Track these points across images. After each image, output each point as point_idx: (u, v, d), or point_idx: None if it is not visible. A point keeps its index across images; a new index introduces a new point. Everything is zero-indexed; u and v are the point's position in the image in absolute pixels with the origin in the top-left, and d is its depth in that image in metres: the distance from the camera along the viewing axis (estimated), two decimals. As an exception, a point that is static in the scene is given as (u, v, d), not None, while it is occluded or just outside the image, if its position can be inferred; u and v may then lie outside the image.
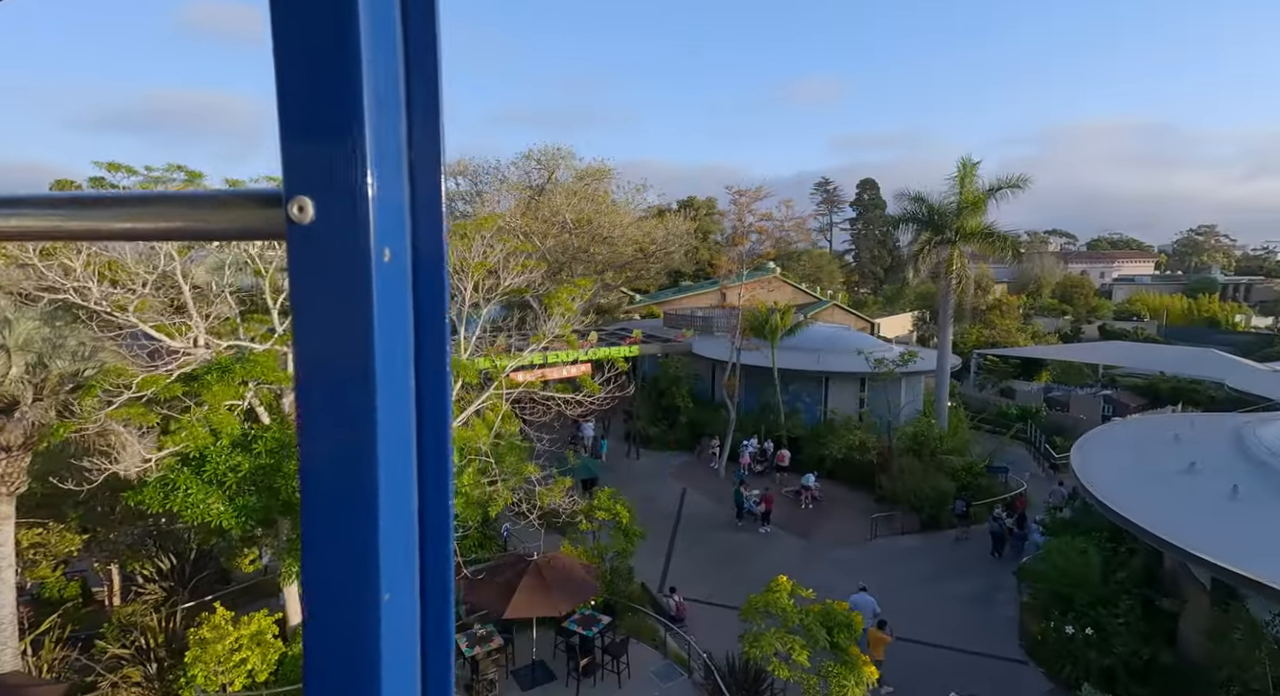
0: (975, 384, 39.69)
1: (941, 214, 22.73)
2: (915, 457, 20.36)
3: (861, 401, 25.55)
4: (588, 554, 13.49)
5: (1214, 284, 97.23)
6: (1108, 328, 72.03)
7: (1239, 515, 10.35)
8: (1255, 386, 20.44)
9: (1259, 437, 12.36)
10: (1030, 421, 29.65)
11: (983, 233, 22.09)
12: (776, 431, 24.67)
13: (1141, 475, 12.55)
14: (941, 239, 22.87)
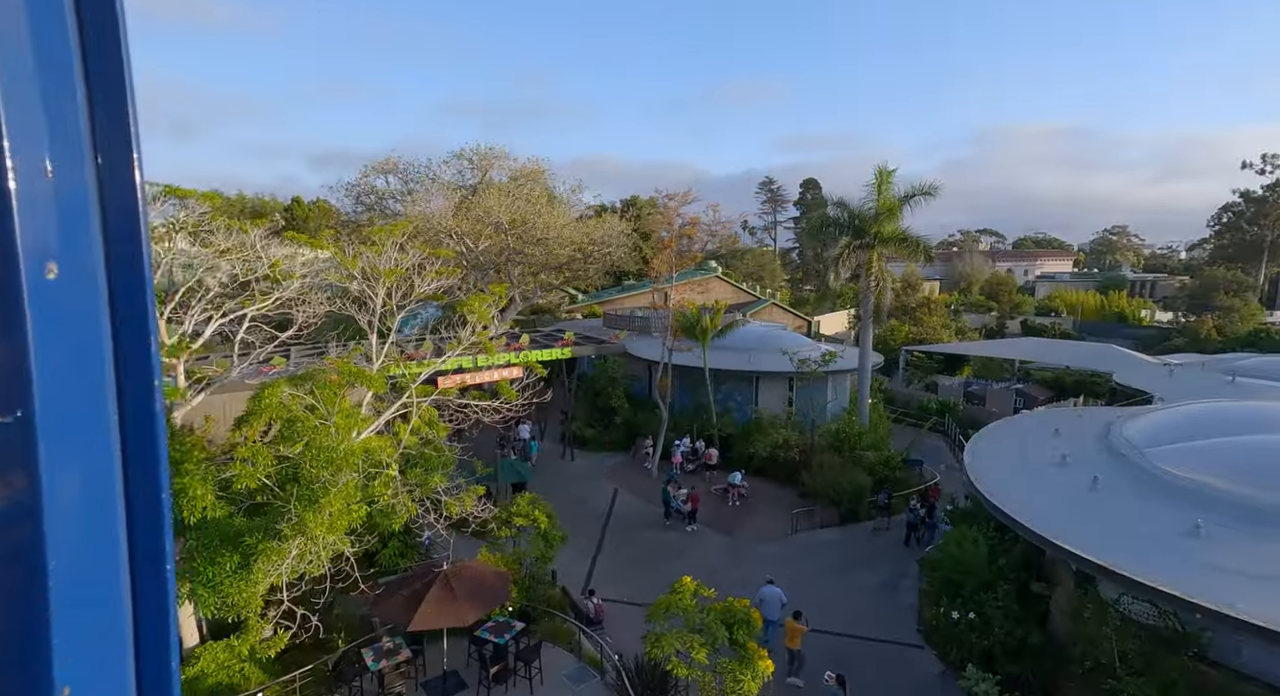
0: (903, 379, 41.59)
1: (861, 219, 23.70)
2: (836, 454, 21.25)
3: (790, 400, 26.41)
4: (506, 560, 13.51)
5: (1123, 281, 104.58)
6: (1029, 323, 76.30)
7: (1095, 504, 11.36)
8: (1136, 380, 22.33)
9: (1121, 431, 13.56)
10: (948, 415, 31.42)
11: (898, 237, 23.18)
12: (708, 430, 25.23)
13: (1020, 468, 13.56)
14: (861, 243, 23.86)
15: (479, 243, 27.69)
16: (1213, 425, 12.83)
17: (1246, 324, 64.30)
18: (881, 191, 23.57)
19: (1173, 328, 73.70)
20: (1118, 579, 9.47)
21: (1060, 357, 36.53)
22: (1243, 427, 12.41)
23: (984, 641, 12.08)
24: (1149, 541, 10.07)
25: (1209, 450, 11.70)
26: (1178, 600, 8.78)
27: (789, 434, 21.66)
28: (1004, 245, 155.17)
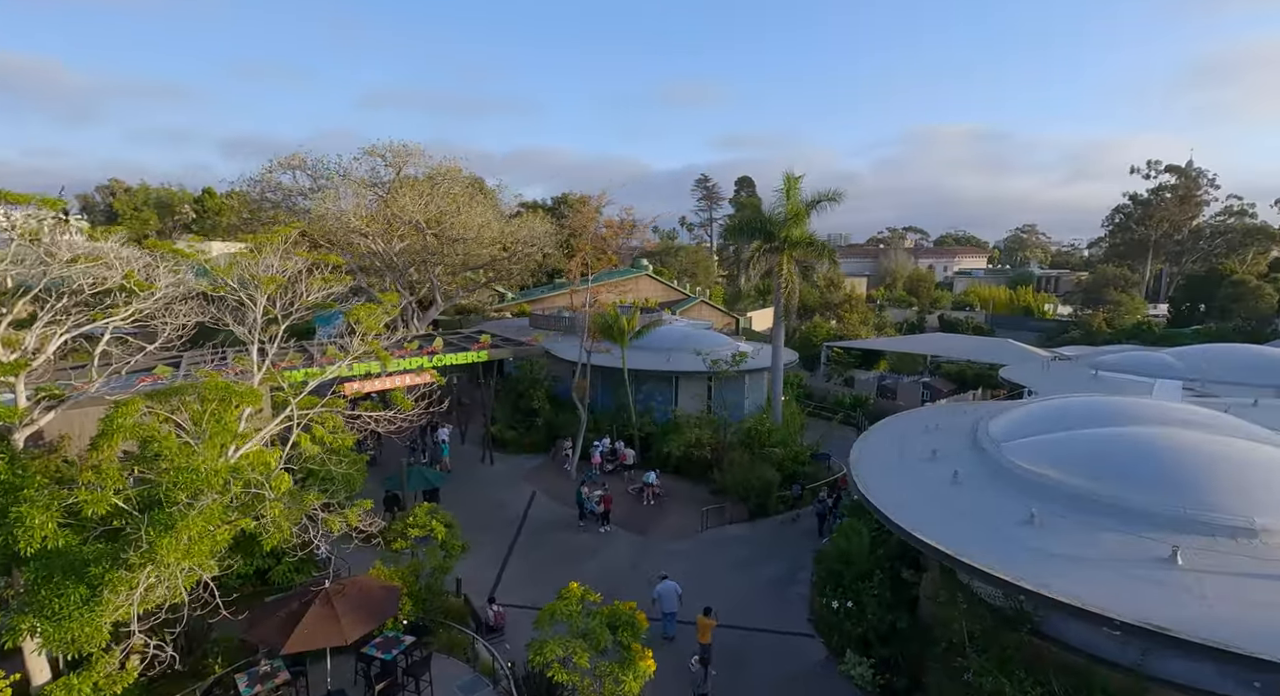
0: (824, 374, 43.37)
1: (772, 223, 24.50)
2: (746, 451, 21.99)
3: (708, 398, 27.08)
4: (402, 573, 13.31)
5: (1031, 277, 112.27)
6: (945, 317, 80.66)
7: (954, 496, 12.32)
8: (1017, 375, 24.24)
9: (985, 427, 14.75)
10: (859, 409, 33.06)
11: (806, 241, 24.12)
12: (628, 430, 25.56)
13: (896, 462, 14.50)
14: (771, 246, 24.68)
15: (393, 242, 26.82)
16: (1061, 419, 14.13)
17: (1132, 317, 70.27)
18: (790, 197, 24.43)
19: (1071, 321, 79.46)
20: (957, 564, 10.33)
21: (963, 352, 39.00)
22: (1084, 421, 13.73)
23: (859, 628, 12.90)
24: (991, 529, 11.02)
25: (1051, 443, 12.89)
26: (1003, 582, 9.67)
27: (701, 433, 22.24)
28: (928, 242, 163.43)
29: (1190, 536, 10.06)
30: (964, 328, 75.41)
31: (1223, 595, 8.91)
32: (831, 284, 57.27)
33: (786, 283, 24.28)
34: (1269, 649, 7.86)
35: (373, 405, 14.73)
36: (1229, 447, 11.64)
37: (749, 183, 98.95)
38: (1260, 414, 17.19)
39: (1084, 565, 9.83)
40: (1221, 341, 52.36)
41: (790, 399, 28.17)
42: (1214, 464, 11.10)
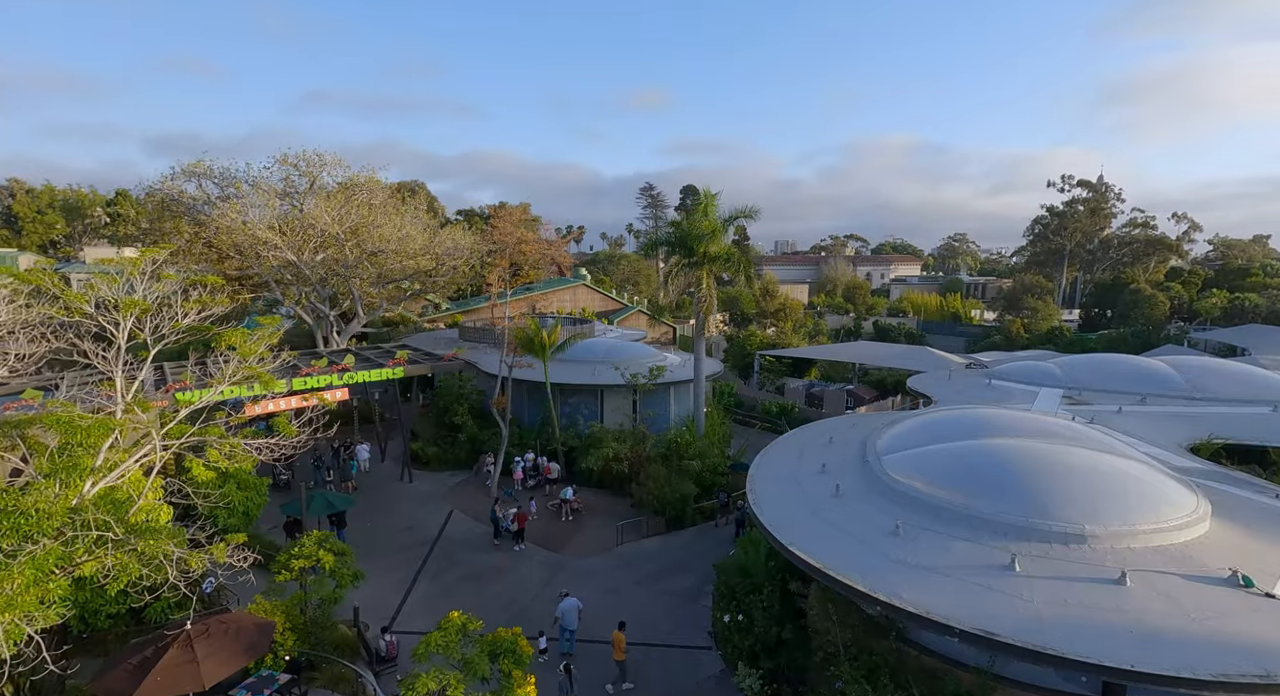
0: (757, 382, 44.40)
1: (691, 238, 24.98)
2: (664, 464, 22.27)
3: (633, 411, 27.30)
4: (286, 606, 12.84)
5: (960, 284, 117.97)
6: (879, 323, 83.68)
7: (834, 509, 12.88)
8: (921, 384, 25.48)
9: (873, 440, 15.48)
10: (784, 417, 33.95)
11: (724, 256, 24.70)
12: (551, 445, 25.48)
13: (790, 476, 15.04)
14: (691, 261, 25.15)
15: (305, 254, 25.89)
16: (939, 432, 14.97)
17: (1047, 323, 74.78)
18: (708, 214, 25.00)
19: (994, 326, 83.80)
20: (822, 576, 10.80)
21: (885, 360, 40.64)
22: (958, 434, 14.59)
23: (747, 640, 13.27)
24: (860, 542, 11.57)
25: (923, 456, 13.66)
26: (860, 594, 10.18)
27: (618, 447, 22.39)
28: (867, 250, 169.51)
29: (1029, 543, 10.84)
30: (896, 333, 78.54)
31: (1049, 599, 9.63)
32: (767, 293, 58.74)
33: (704, 297, 24.78)
34: (1077, 648, 8.57)
35: (255, 431, 14.15)
36: (1072, 457, 12.60)
37: (694, 191, 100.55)
38: (1122, 420, 18.71)
39: (935, 574, 10.44)
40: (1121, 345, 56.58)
41: (715, 409, 28.69)
42: (1056, 474, 11.99)
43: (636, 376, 24.58)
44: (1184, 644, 8.64)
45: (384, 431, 28.25)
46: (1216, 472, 14.28)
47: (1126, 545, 10.66)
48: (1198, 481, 13.65)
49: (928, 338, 79.14)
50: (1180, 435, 17.57)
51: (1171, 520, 11.07)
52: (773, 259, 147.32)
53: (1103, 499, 11.36)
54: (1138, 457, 13.61)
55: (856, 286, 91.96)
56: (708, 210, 25.08)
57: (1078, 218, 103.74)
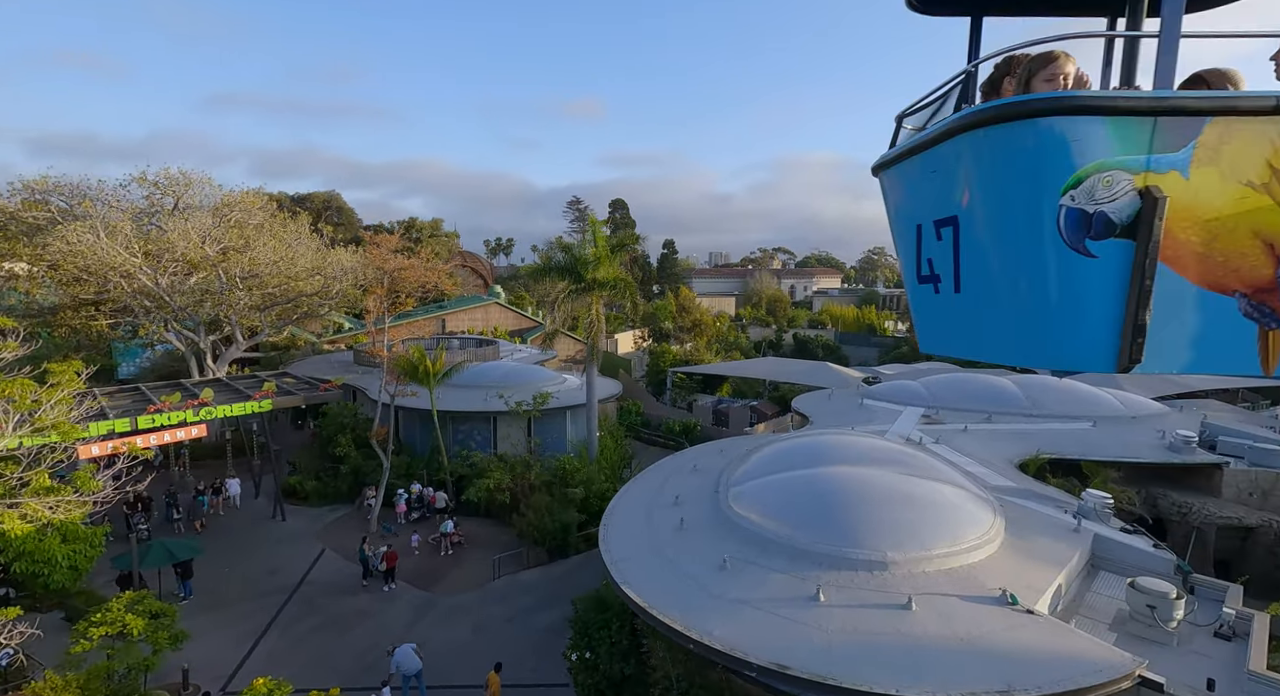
0: (670, 399, 45.09)
1: (580, 264, 25.19)
2: (548, 492, 22.20)
3: (528, 437, 27.09)
4: (82, 678, 11.83)
5: (876, 296, 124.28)
6: (798, 335, 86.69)
7: (674, 543, 13.24)
8: (801, 404, 26.69)
9: (728, 472, 16.04)
10: (687, 436, 34.59)
11: (612, 282, 25.04)
12: (439, 474, 24.90)
13: (645, 507, 15.34)
14: (580, 287, 25.35)
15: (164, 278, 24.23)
16: (787, 460, 15.66)
17: (948, 334, 79.87)
18: (597, 240, 25.32)
19: (903, 337, 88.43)
20: (641, 612, 11.06)
21: (789, 375, 42.23)
22: (802, 462, 15.31)
23: (594, 678, 13.37)
24: (689, 577, 11.93)
25: (762, 487, 14.28)
26: (672, 630, 10.49)
27: (500, 476, 22.14)
28: (793, 262, 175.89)
29: (838, 572, 11.50)
30: (814, 345, 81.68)
31: (843, 627, 10.24)
32: (683, 308, 59.89)
33: (593, 323, 25.01)
34: (855, 676, 9.17)
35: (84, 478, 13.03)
36: (890, 485, 13.49)
37: (622, 205, 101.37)
38: (966, 438, 20.22)
39: (749, 608, 10.89)
40: (1008, 356, 61.15)
41: (609, 432, 28.72)
42: (871, 502, 12.80)
43: (520, 404, 24.44)
44: (949, 663, 9.40)
45: (261, 465, 26.75)
46: (1026, 490, 15.65)
47: (922, 569, 11.50)
48: (1008, 499, 14.95)
49: (844, 348, 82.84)
50: (1012, 452, 19.16)
51: (965, 542, 12.03)
52: (704, 272, 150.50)
53: (907, 526, 12.21)
54: (956, 480, 14.72)
55: (777, 299, 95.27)
56: (596, 237, 25.41)
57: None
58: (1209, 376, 38.95)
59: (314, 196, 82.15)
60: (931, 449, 18.89)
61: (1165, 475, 19.35)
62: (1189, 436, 19.17)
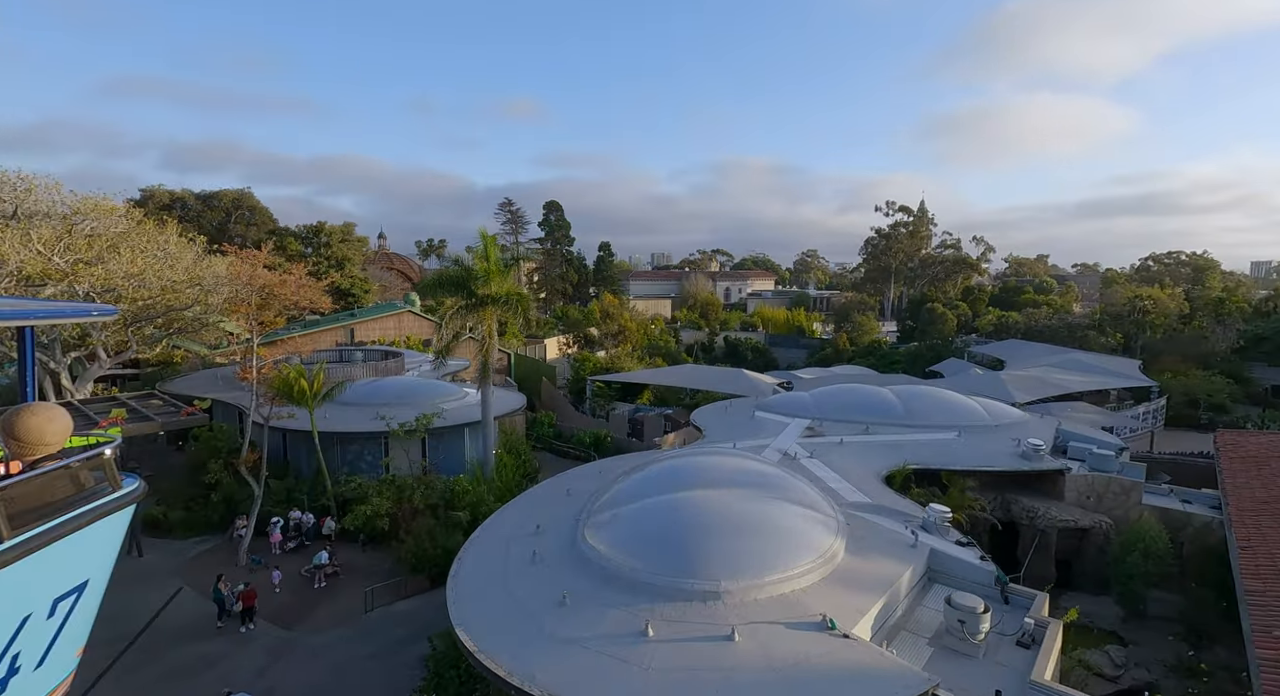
0: (589, 408, 44.81)
1: (473, 279, 24.55)
2: (433, 516, 21.52)
3: (424, 457, 26.22)
4: None
5: (807, 298, 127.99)
6: (729, 338, 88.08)
7: (523, 576, 13.02)
8: (698, 417, 27.03)
9: (594, 498, 15.90)
10: (597, 447, 34.39)
11: (504, 297, 24.53)
12: (322, 499, 23.73)
13: (506, 536, 15.02)
14: (474, 301, 24.72)
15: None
16: (650, 484, 15.71)
17: (869, 337, 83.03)
18: (489, 255, 24.75)
19: (829, 339, 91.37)
20: (472, 658, 10.78)
21: (706, 382, 42.70)
22: (664, 486, 15.36)
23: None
24: (528, 615, 11.72)
25: (613, 518, 14.24)
26: (494, 675, 10.27)
27: (380, 502, 21.28)
28: (730, 265, 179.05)
29: (674, 604, 11.55)
30: (744, 348, 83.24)
31: (666, 665, 10.26)
32: (607, 315, 59.80)
33: (485, 339, 24.46)
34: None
35: None
36: (738, 509, 13.71)
37: (557, 207, 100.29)
38: (840, 451, 20.91)
39: (578, 647, 10.77)
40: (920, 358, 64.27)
41: (511, 448, 28.18)
42: (716, 529, 12.95)
43: (404, 426, 23.61)
44: (758, 695, 9.58)
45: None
46: (879, 505, 16.30)
47: (754, 597, 11.72)
48: (859, 515, 15.51)
49: (774, 351, 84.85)
50: (882, 464, 19.96)
51: (800, 567, 12.34)
52: (641, 274, 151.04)
53: (747, 553, 12.42)
54: (809, 500, 15.13)
55: (710, 303, 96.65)
56: (489, 251, 24.85)
57: (900, 239, 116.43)
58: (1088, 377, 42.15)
59: (222, 194, 77.07)
60: (805, 463, 19.47)
61: (1018, 481, 20.66)
62: (1038, 444, 20.54)
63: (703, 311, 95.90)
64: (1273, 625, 12.07)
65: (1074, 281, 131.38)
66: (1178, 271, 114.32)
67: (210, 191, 78.18)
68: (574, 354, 56.04)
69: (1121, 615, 17.78)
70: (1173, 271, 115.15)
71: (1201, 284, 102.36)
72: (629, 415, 40.74)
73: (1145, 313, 67.24)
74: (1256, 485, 18.46)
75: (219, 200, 76.62)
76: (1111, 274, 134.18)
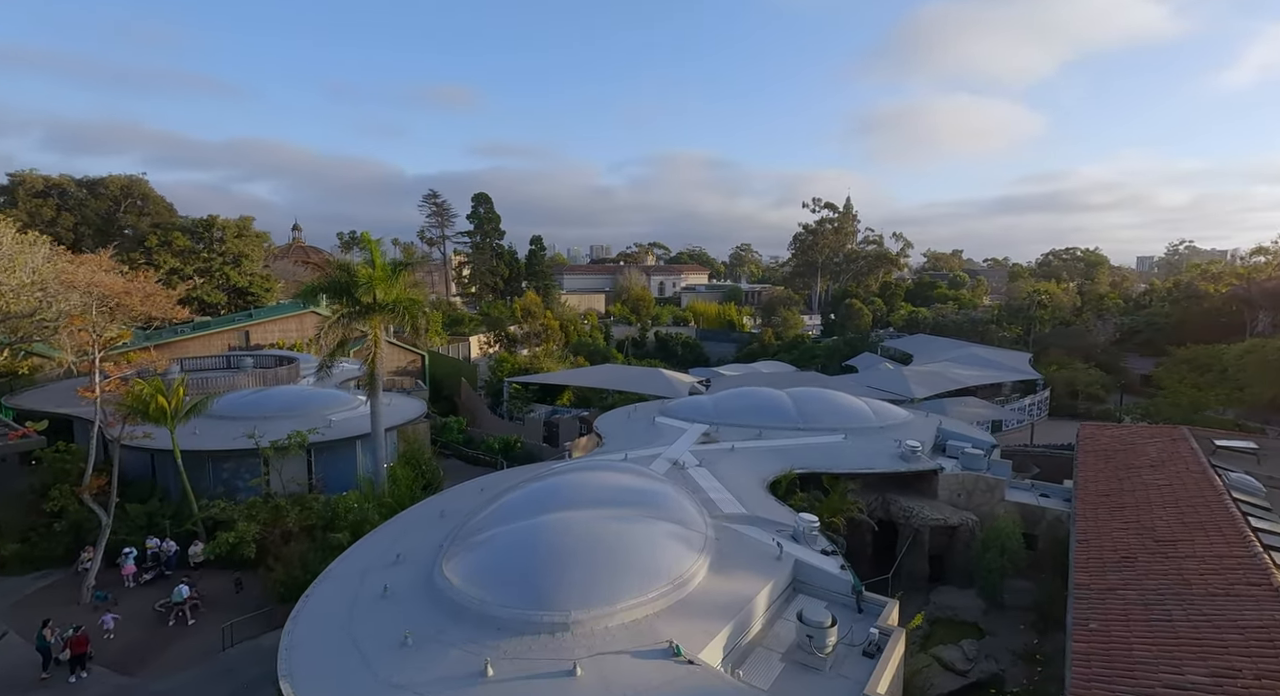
0: (505, 411, 43.74)
1: (357, 285, 23.15)
2: (310, 538, 20.23)
3: (309, 474, 24.70)
4: None
5: (740, 292, 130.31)
6: (659, 333, 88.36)
7: (368, 615, 12.26)
8: (600, 424, 26.75)
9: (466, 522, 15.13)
10: (507, 454, 33.51)
11: (390, 304, 23.28)
12: (188, 524, 21.87)
13: (363, 568, 14.15)
14: (359, 309, 23.35)
15: None
16: (523, 506, 15.15)
17: (793, 331, 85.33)
18: (375, 260, 23.43)
19: (755, 334, 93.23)
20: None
21: (624, 383, 42.52)
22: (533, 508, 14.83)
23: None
24: (362, 659, 10.99)
25: (476, 544, 13.62)
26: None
27: (246, 526, 19.79)
28: (666, 258, 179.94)
29: (519, 639, 11.09)
30: (675, 343, 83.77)
31: (501, 708, 9.86)
32: (529, 314, 58.64)
33: (369, 349, 23.18)
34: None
35: None
36: (602, 532, 13.40)
37: (486, 199, 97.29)
38: (730, 458, 21.00)
39: (410, 694, 10.18)
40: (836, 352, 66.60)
41: (410, 459, 26.92)
42: (574, 555, 12.57)
43: (275, 443, 22.08)
44: (590, 738, 9.31)
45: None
46: (754, 516, 16.41)
47: (605, 626, 11.43)
48: (732, 527, 15.57)
49: (705, 345, 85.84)
50: (769, 469, 20.23)
51: (656, 590, 12.14)
52: (576, 268, 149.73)
53: (603, 579, 12.11)
54: (681, 515, 15.01)
55: (641, 298, 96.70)
56: (375, 256, 23.52)
57: (826, 235, 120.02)
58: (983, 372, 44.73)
59: (109, 181, 70.17)
60: (692, 472, 19.45)
61: (899, 481, 21.51)
62: (915, 446, 21.43)
63: (634, 307, 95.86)
64: (1091, 618, 12.95)
65: (984, 276, 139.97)
66: (1073, 266, 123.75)
67: (95, 178, 71.18)
68: (494, 353, 54.60)
69: (983, 607, 18.83)
70: (1069, 266, 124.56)
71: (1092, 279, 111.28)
72: (545, 418, 40.08)
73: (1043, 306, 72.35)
74: (1102, 478, 19.96)
75: (105, 187, 69.79)
76: (1017, 268, 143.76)
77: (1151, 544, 15.37)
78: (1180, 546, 14.93)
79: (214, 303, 48.60)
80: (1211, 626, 11.72)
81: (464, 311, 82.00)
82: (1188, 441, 21.15)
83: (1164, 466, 19.77)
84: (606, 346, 71.61)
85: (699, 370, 53.08)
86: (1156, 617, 12.47)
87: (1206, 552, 14.26)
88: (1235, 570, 13.26)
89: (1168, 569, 14.03)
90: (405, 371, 46.92)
